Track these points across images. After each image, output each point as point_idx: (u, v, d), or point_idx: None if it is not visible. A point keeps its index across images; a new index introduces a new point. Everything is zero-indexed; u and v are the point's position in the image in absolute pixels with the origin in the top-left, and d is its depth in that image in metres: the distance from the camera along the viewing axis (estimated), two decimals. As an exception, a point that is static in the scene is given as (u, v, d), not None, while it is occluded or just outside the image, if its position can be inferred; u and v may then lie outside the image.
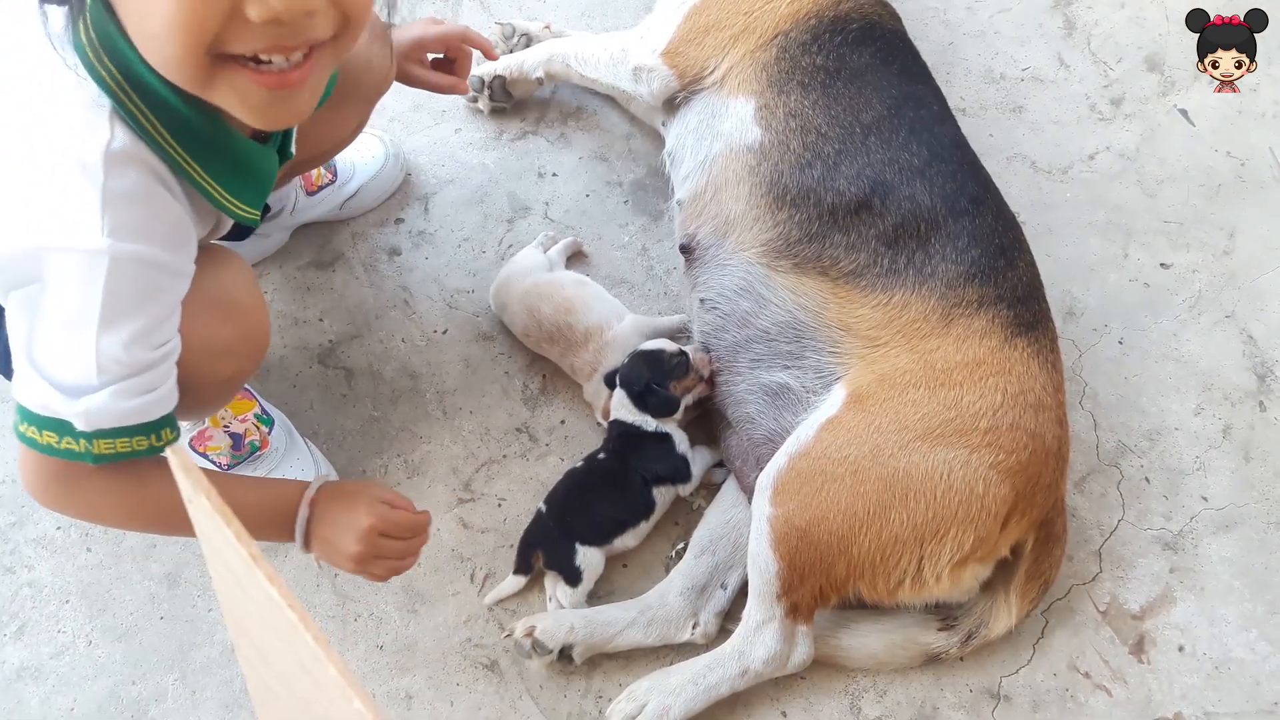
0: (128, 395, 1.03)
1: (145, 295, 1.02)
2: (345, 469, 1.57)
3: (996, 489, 1.34)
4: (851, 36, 1.54)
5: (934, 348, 1.39)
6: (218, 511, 0.57)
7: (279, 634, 0.59)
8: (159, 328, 1.05)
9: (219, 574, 0.68)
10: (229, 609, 0.74)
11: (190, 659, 1.44)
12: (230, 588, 0.66)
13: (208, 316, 1.13)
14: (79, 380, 1.02)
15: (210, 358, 1.15)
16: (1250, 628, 1.51)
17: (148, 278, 1.02)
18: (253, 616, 0.64)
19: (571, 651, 1.42)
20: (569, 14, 2.02)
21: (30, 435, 1.06)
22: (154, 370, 1.05)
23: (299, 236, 1.75)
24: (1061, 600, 1.52)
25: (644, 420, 1.51)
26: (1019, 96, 1.99)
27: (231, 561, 0.60)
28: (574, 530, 1.47)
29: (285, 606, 0.55)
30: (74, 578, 1.49)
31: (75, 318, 0.99)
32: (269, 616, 0.58)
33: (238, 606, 0.68)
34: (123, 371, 1.03)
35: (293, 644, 0.57)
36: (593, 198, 1.83)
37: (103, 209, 0.96)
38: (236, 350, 1.23)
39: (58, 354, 1.01)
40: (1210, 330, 1.75)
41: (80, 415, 1.02)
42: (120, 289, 0.99)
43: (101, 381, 1.02)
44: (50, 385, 1.02)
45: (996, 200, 1.50)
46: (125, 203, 0.98)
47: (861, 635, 1.45)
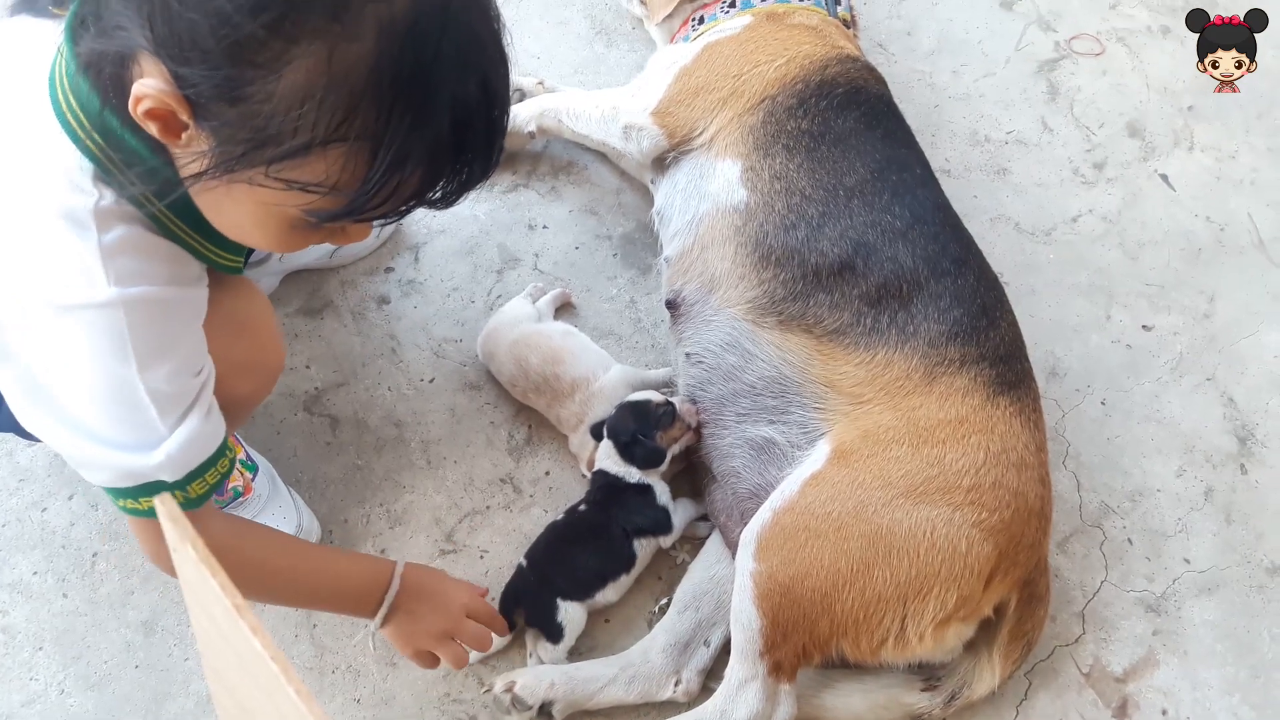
0: (194, 425, 1.06)
1: (170, 331, 1.04)
2: (327, 517, 1.56)
3: (980, 547, 1.34)
4: (837, 101, 1.57)
5: (917, 405, 1.40)
6: (204, 562, 0.57)
7: (261, 686, 0.59)
8: (194, 355, 1.08)
9: (201, 624, 0.68)
10: (209, 660, 0.73)
11: (164, 709, 1.42)
12: (212, 638, 0.66)
13: (224, 333, 1.16)
14: (145, 432, 1.03)
15: (229, 375, 1.17)
16: (1233, 691, 1.51)
17: (165, 315, 1.03)
18: (234, 668, 0.64)
19: (552, 708, 1.40)
20: (562, 70, 2.06)
21: (133, 507, 1.08)
22: (203, 394, 1.08)
23: (288, 283, 1.76)
24: (1045, 661, 1.52)
25: (628, 471, 1.51)
26: (1003, 159, 2.02)
27: (215, 612, 0.60)
28: (555, 585, 1.46)
29: (269, 658, 0.55)
30: (49, 624, 1.47)
31: (111, 372, 1.00)
32: (251, 668, 0.58)
33: (219, 657, 0.67)
34: (179, 405, 1.05)
35: (274, 696, 0.57)
36: (582, 250, 1.85)
37: (103, 261, 0.97)
38: (254, 367, 1.27)
39: (114, 416, 1.02)
40: (1192, 393, 1.77)
41: (164, 464, 1.04)
42: (144, 331, 1.00)
43: (166, 424, 1.04)
44: (122, 451, 1.03)
45: (979, 261, 1.52)
46: (122, 252, 0.99)
47: (844, 695, 1.44)
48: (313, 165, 0.89)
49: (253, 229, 1.00)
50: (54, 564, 1.51)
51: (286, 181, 0.90)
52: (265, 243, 1.03)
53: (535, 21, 2.13)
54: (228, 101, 0.86)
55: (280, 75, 0.84)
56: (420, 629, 1.29)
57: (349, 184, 0.91)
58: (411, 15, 0.85)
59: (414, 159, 0.90)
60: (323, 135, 0.87)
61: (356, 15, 0.84)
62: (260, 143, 0.87)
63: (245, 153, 0.88)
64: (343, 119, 0.86)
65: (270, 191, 0.91)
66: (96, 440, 1.03)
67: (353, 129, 0.87)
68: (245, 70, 0.84)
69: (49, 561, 1.51)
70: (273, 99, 0.85)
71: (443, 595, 1.31)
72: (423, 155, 0.91)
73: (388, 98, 0.86)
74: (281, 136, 0.87)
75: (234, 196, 0.95)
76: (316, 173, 0.90)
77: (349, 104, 0.86)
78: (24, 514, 1.54)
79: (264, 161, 0.88)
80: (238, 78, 0.84)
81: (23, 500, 1.55)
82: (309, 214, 0.94)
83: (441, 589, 1.32)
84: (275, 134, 0.86)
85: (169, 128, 0.90)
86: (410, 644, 1.30)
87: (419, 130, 0.89)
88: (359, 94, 0.86)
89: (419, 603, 1.29)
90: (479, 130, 0.94)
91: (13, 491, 1.55)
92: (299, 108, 0.85)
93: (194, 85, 0.86)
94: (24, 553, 1.51)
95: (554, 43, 2.10)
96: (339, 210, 0.93)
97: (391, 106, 0.87)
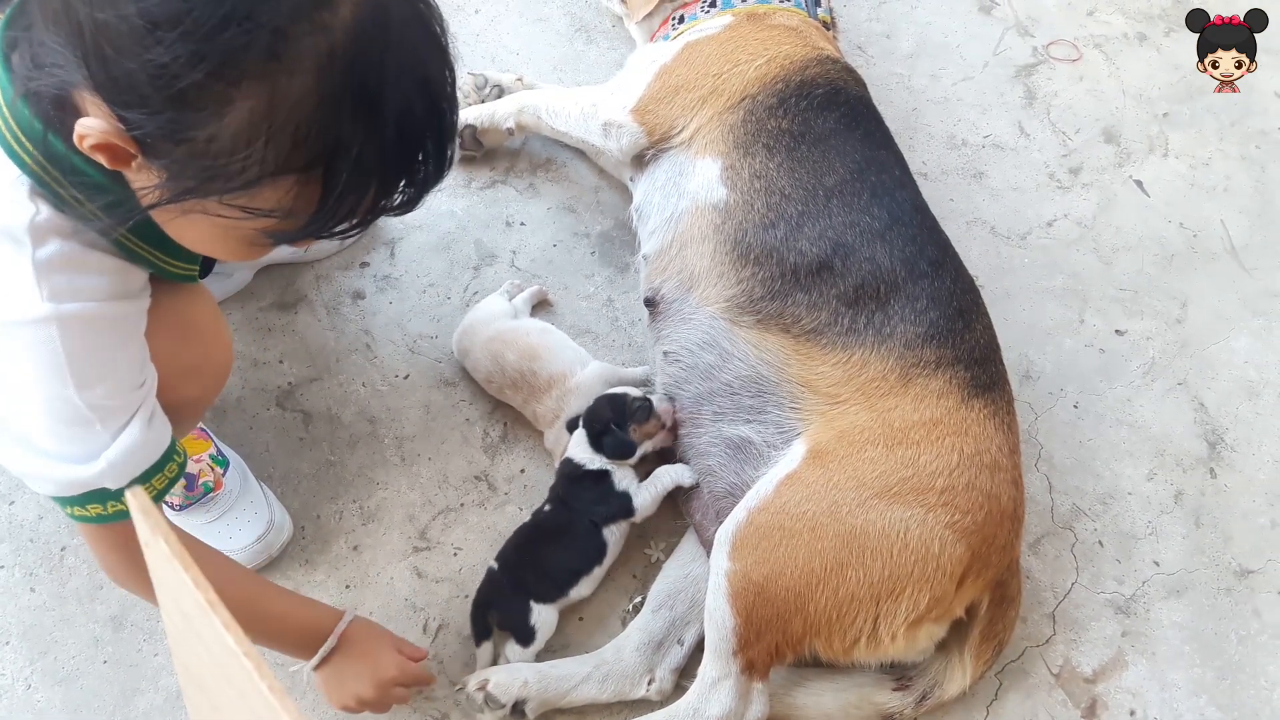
0: (135, 434, 1.05)
1: (108, 346, 1.03)
2: (300, 513, 1.55)
3: (952, 549, 1.34)
4: (817, 101, 1.58)
5: (892, 406, 1.41)
6: (176, 556, 0.57)
7: (233, 682, 0.58)
8: (134, 367, 1.06)
9: (172, 620, 0.68)
10: (180, 655, 0.73)
11: (133, 705, 1.40)
12: (183, 634, 0.65)
13: (169, 338, 1.14)
14: (86, 444, 1.02)
15: (175, 378, 1.15)
16: (1200, 693, 1.53)
17: (103, 331, 1.02)
18: (206, 664, 0.63)
19: (525, 706, 1.40)
20: (541, 67, 2.05)
21: (80, 514, 1.07)
22: (145, 403, 1.07)
23: (262, 277, 1.74)
24: (1015, 662, 1.53)
25: (590, 459, 1.50)
26: (980, 163, 2.03)
27: (187, 607, 0.59)
28: (527, 586, 1.45)
29: (241, 654, 0.55)
30: (15, 619, 1.45)
31: (50, 390, 0.99)
32: (224, 664, 0.58)
33: (190, 653, 0.67)
34: (120, 416, 1.04)
35: (247, 692, 0.56)
36: (560, 248, 1.84)
37: (37, 277, 0.96)
38: (200, 370, 1.25)
39: (52, 430, 1.01)
40: (1163, 397, 1.79)
41: (106, 473, 1.03)
42: (79, 348, 0.99)
43: (109, 432, 1.03)
44: (63, 462, 1.02)
45: (955, 264, 1.53)
46: (57, 268, 0.97)
47: (816, 694, 1.44)
48: (265, 194, 0.90)
49: (213, 245, 1.01)
50: (21, 558, 1.48)
51: (241, 209, 0.91)
52: (227, 256, 1.04)
53: (514, 18, 2.12)
54: (173, 142, 0.86)
55: (224, 116, 0.84)
56: (345, 688, 1.29)
57: (304, 208, 0.92)
58: (350, 42, 0.85)
59: (366, 177, 0.91)
60: (272, 168, 0.87)
61: (294, 50, 0.84)
62: (211, 177, 0.88)
63: (197, 185, 0.89)
64: (290, 150, 0.87)
65: (225, 218, 0.92)
66: (37, 453, 1.02)
67: (301, 159, 0.88)
68: (188, 114, 0.84)
69: (16, 555, 1.49)
70: (219, 138, 0.85)
71: (373, 659, 1.29)
72: (374, 171, 0.92)
73: (333, 126, 0.87)
74: (230, 171, 0.87)
75: (191, 219, 0.95)
76: (269, 201, 0.91)
77: (295, 136, 0.86)
78: (-10, 507, 1.52)
79: (216, 193, 0.89)
80: (181, 121, 0.84)
81: (-12, 493, 1.53)
82: (267, 235, 0.95)
83: (374, 653, 1.30)
84: (224, 168, 0.87)
85: (117, 157, 0.89)
86: (335, 698, 1.30)
87: (367, 150, 0.89)
88: (304, 125, 0.86)
89: (351, 661, 1.28)
90: (427, 136, 0.94)
91: (-22, 484, 1.53)
92: (245, 146, 0.85)
93: (139, 127, 0.85)
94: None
95: (533, 39, 2.10)
96: (296, 232, 0.94)
97: (338, 133, 0.87)
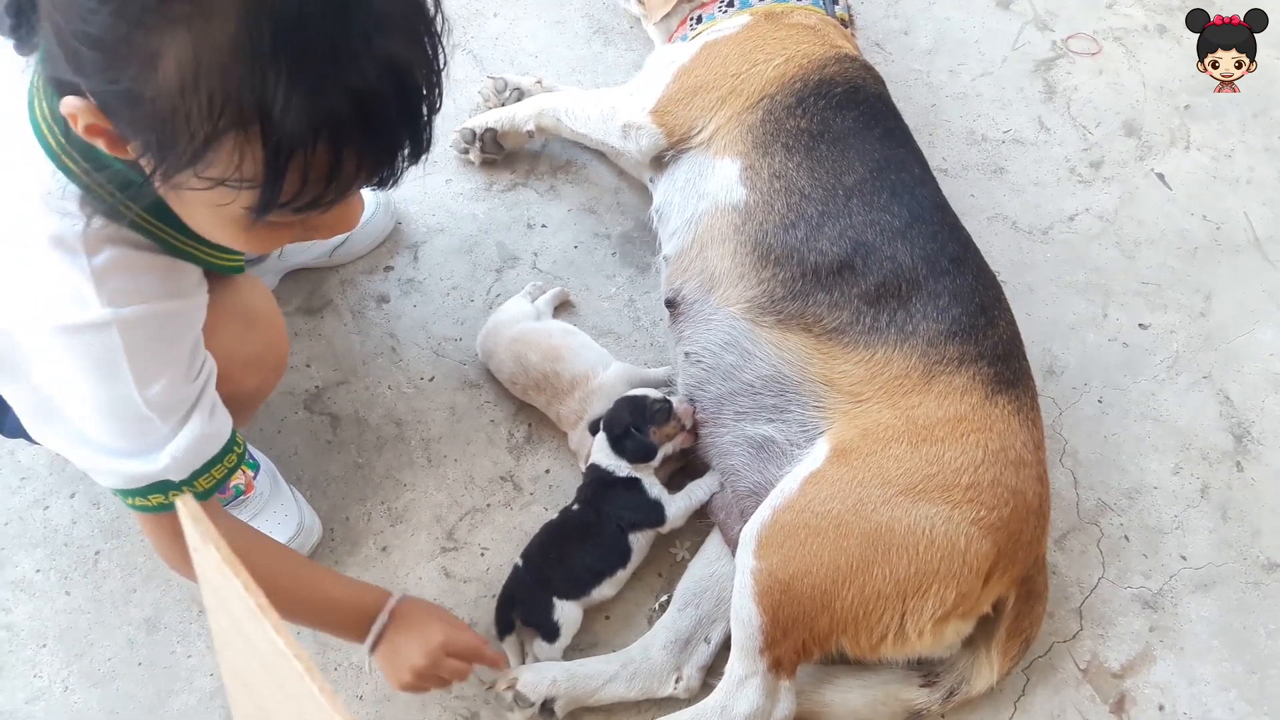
0: (197, 426, 1.08)
1: (166, 343, 1.06)
2: (328, 515, 1.57)
3: (978, 545, 1.34)
4: (835, 100, 1.58)
5: (916, 404, 1.41)
6: (227, 562, 0.58)
7: (282, 684, 0.60)
8: (192, 362, 1.09)
9: (220, 624, 0.69)
10: (227, 659, 0.74)
11: (168, 706, 1.42)
12: (231, 638, 0.67)
13: (231, 331, 1.18)
14: (148, 439, 1.06)
15: (237, 370, 1.18)
16: (1229, 688, 1.52)
17: (161, 329, 1.04)
18: (254, 666, 0.65)
19: (553, 704, 1.41)
20: (560, 70, 2.06)
21: (141, 504, 1.10)
22: (204, 396, 1.10)
23: (288, 282, 1.76)
24: (1042, 658, 1.53)
25: (618, 465, 1.52)
26: (1000, 158, 2.03)
27: (236, 611, 0.61)
28: (551, 584, 1.47)
29: (292, 656, 0.56)
30: (52, 621, 1.47)
31: (112, 390, 1.02)
32: (273, 667, 0.59)
33: (238, 656, 0.68)
34: (180, 410, 1.07)
35: (296, 695, 0.58)
36: (581, 249, 1.85)
37: (95, 284, 0.98)
38: (262, 360, 1.29)
39: (116, 428, 1.04)
40: (1188, 390, 1.78)
41: (170, 466, 1.07)
42: (140, 348, 1.01)
43: (169, 428, 1.06)
44: (127, 457, 1.06)
45: (977, 260, 1.53)
46: (112, 273, 1.00)
47: (844, 691, 1.44)
48: (219, 159, 0.85)
49: (215, 230, 0.98)
50: (56, 562, 1.51)
51: (210, 180, 0.87)
52: (233, 242, 1.00)
53: (533, 21, 2.14)
54: (126, 106, 0.84)
55: (155, 69, 0.81)
56: (401, 663, 1.31)
57: (257, 173, 0.86)
58: None
59: (310, 137, 0.84)
60: (211, 125, 0.82)
61: None
62: (169, 144, 0.85)
63: (163, 156, 0.86)
64: (222, 104, 0.82)
65: (208, 193, 0.88)
66: (103, 451, 1.06)
67: (235, 114, 0.82)
68: (123, 70, 0.82)
69: (51, 559, 1.51)
70: (159, 97, 0.82)
71: (423, 631, 1.32)
72: (320, 132, 0.85)
73: (257, 73, 0.80)
74: (180, 134, 0.83)
75: (185, 201, 0.94)
76: (225, 167, 0.86)
77: (223, 87, 0.81)
78: (26, 512, 1.54)
79: (184, 163, 0.86)
80: (119, 78, 0.82)
81: (25, 499, 1.55)
82: (246, 210, 0.90)
83: (424, 625, 1.32)
84: (175, 132, 0.83)
85: (112, 141, 0.89)
86: (393, 676, 1.32)
87: (302, 105, 0.82)
88: (228, 73, 0.80)
89: (403, 636, 1.31)
90: (388, 101, 0.87)
91: (15, 490, 1.56)
92: (182, 101, 0.82)
93: (97, 95, 0.85)
94: (27, 551, 1.51)
95: (551, 42, 2.11)
96: (260, 203, 0.89)
97: (263, 82, 0.80)
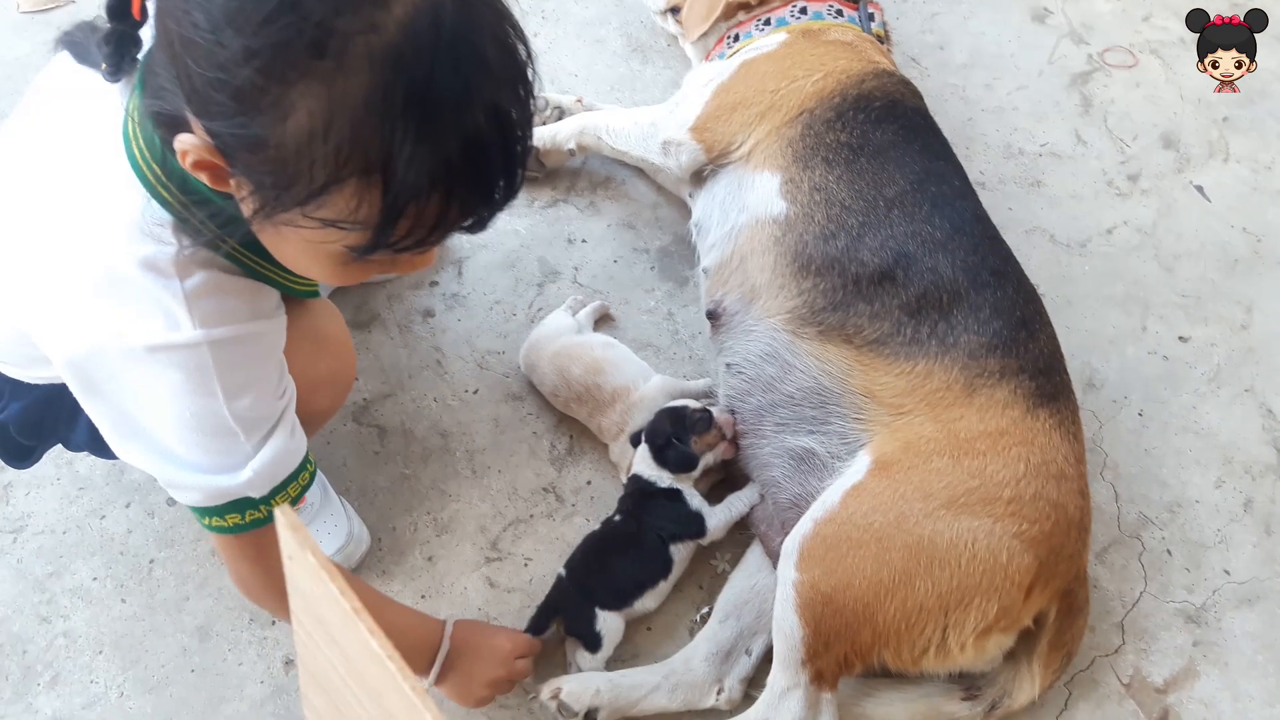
0: (279, 443, 1.12)
1: (253, 362, 1.10)
2: (375, 525, 1.60)
3: (1020, 559, 1.35)
4: (874, 114, 1.60)
5: (958, 417, 1.41)
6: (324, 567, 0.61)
7: (369, 686, 0.62)
8: (277, 380, 1.14)
9: (306, 629, 0.72)
10: (308, 664, 0.77)
11: (219, 712, 1.45)
12: (318, 642, 0.69)
13: (305, 352, 1.22)
14: (231, 455, 1.09)
15: (309, 390, 1.22)
16: (1275, 703, 1.51)
17: (249, 349, 1.08)
18: (338, 671, 0.67)
19: (597, 715, 1.42)
20: (600, 88, 2.10)
21: (218, 524, 1.14)
22: (286, 414, 1.14)
23: (336, 297, 1.80)
24: (1085, 672, 1.53)
25: (660, 476, 1.53)
26: (1037, 171, 2.03)
27: (327, 615, 0.64)
28: (594, 595, 1.48)
29: (385, 658, 0.59)
30: (108, 628, 1.51)
31: (199, 404, 1.05)
32: (362, 669, 0.62)
33: (321, 659, 0.71)
34: (263, 427, 1.11)
35: (385, 698, 0.60)
36: (620, 263, 1.88)
37: (187, 306, 1.02)
38: (334, 381, 1.33)
39: (201, 444, 1.08)
40: (1230, 404, 1.77)
41: (250, 482, 1.11)
42: (229, 366, 1.05)
43: (252, 444, 1.10)
44: (211, 475, 1.10)
45: (1017, 273, 1.54)
46: (203, 296, 1.04)
47: (886, 704, 1.45)
48: (335, 202, 0.91)
49: (308, 265, 1.04)
50: (113, 570, 1.55)
51: (320, 220, 0.92)
52: (322, 276, 1.07)
53: (572, 40, 2.17)
54: (248, 149, 0.89)
55: (286, 119, 0.87)
56: (476, 683, 1.36)
57: (371, 216, 0.92)
58: (401, 40, 0.85)
59: (426, 187, 0.91)
60: (335, 171, 0.88)
61: (345, 49, 0.84)
62: (286, 185, 0.90)
63: (277, 196, 0.91)
64: (349, 153, 0.87)
65: (311, 231, 0.94)
66: (187, 467, 1.09)
67: (360, 162, 0.88)
68: (254, 117, 0.87)
69: (108, 567, 1.55)
70: (285, 143, 0.88)
71: (489, 646, 1.37)
72: (436, 183, 0.91)
73: (387, 128, 0.87)
74: (300, 177, 0.89)
75: (283, 236, 0.98)
76: (340, 209, 0.92)
77: (353, 138, 0.87)
78: (84, 521, 1.58)
79: (295, 203, 0.91)
80: (249, 125, 0.87)
81: (82, 508, 1.59)
82: (349, 249, 0.96)
83: (488, 641, 1.38)
84: (295, 175, 0.89)
85: (217, 177, 0.94)
86: (469, 698, 1.37)
87: (425, 158, 0.89)
88: (359, 126, 0.87)
89: (470, 659, 1.35)
90: (493, 152, 0.93)
91: (73, 500, 1.60)
92: (308, 148, 0.87)
93: (219, 136, 0.90)
94: (84, 559, 1.55)
95: (591, 60, 2.14)
96: (368, 244, 0.95)
97: (392, 136, 0.87)
